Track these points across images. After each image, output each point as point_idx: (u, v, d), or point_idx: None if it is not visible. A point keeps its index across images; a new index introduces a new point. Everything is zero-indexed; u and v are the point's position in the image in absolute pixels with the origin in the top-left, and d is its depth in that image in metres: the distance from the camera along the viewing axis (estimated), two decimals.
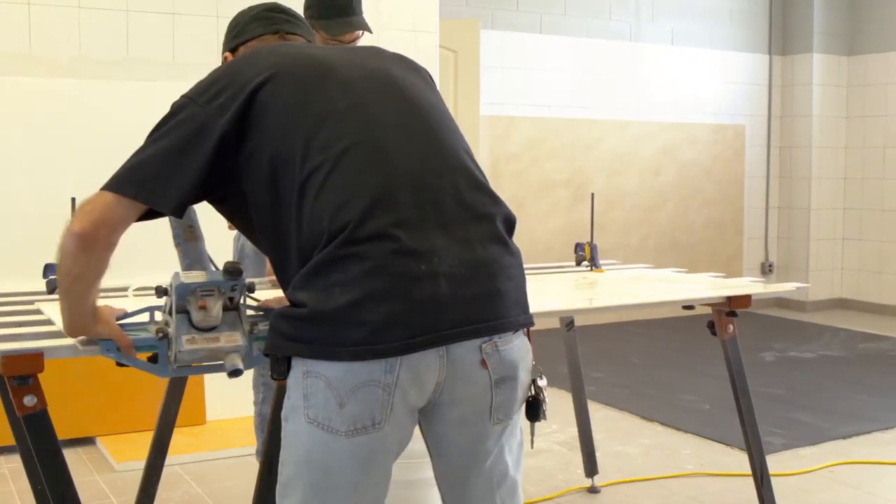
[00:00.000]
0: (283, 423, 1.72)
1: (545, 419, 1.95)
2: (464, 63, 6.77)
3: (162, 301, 1.95)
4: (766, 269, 8.92)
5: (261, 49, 1.95)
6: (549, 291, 3.17)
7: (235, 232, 3.37)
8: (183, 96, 1.82)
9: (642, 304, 3.06)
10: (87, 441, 4.46)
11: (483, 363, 1.73)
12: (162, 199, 1.73)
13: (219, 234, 1.88)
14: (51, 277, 2.72)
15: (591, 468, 3.94)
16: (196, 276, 1.85)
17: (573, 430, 4.08)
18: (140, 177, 1.73)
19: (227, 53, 2.16)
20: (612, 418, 5.09)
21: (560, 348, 3.88)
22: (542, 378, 1.92)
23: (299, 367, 1.68)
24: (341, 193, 1.68)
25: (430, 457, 1.87)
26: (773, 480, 3.31)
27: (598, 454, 3.99)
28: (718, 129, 8.57)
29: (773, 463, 3.79)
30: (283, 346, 1.69)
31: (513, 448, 1.86)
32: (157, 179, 1.73)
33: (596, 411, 4.75)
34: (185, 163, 1.74)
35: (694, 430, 4.82)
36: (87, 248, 1.71)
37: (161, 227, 2.10)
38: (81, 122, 4.59)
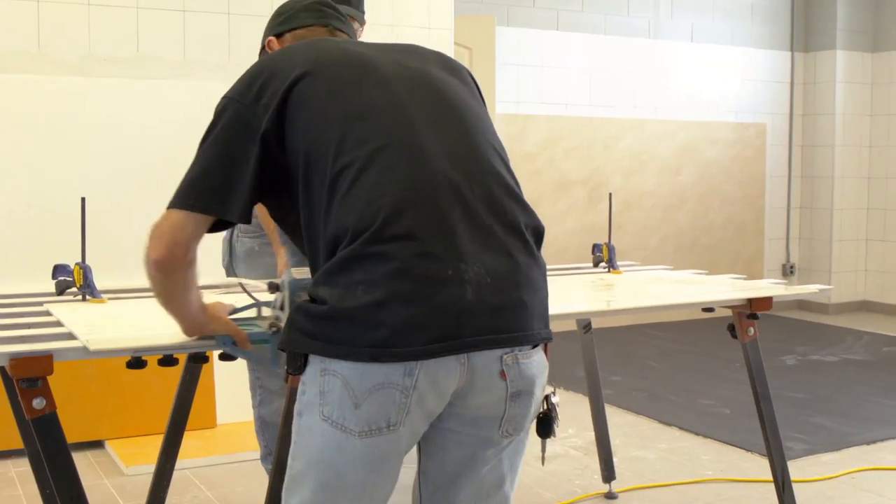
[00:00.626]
0: (297, 418, 1.71)
1: (555, 437, 1.92)
2: (479, 61, 6.71)
3: (272, 297, 2.04)
4: (788, 271, 8.82)
5: (299, 44, 1.94)
6: (567, 293, 3.13)
7: (225, 233, 3.37)
8: (224, 97, 1.81)
9: (662, 307, 3.02)
10: (95, 444, 4.43)
11: (502, 374, 1.71)
12: (231, 208, 1.74)
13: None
14: (60, 279, 2.70)
15: (608, 473, 3.89)
16: (307, 272, 1.89)
17: (590, 435, 4.04)
18: (205, 189, 1.74)
19: (273, 38, 2.17)
20: (630, 422, 5.02)
21: (577, 351, 3.84)
22: (555, 395, 1.90)
23: (316, 363, 1.66)
24: (371, 191, 1.66)
25: (420, 453, 1.84)
26: (795, 487, 3.26)
27: (615, 459, 3.94)
28: (739, 128, 8.48)
29: (795, 469, 3.73)
30: (300, 342, 1.68)
31: (513, 463, 1.84)
32: (221, 189, 1.74)
33: (613, 415, 4.70)
34: (242, 167, 1.75)
35: (713, 434, 4.76)
36: (168, 272, 1.75)
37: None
38: (91, 120, 4.55)
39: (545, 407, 1.89)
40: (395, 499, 1.78)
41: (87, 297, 2.70)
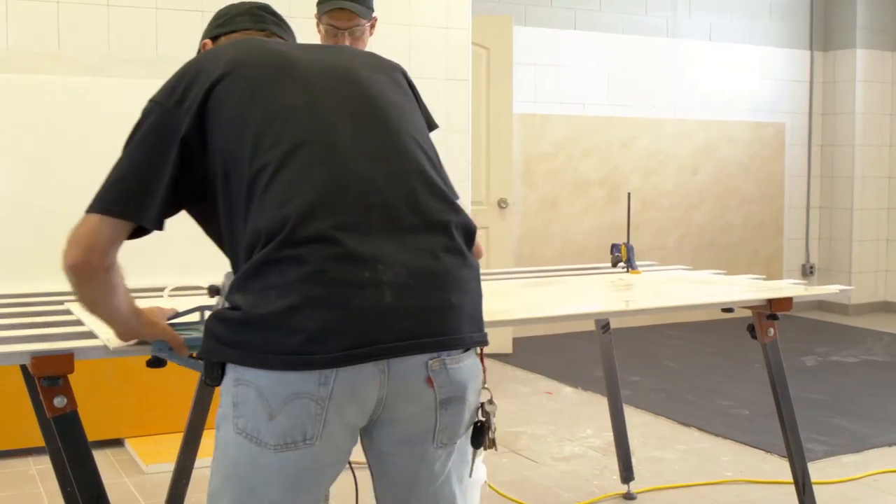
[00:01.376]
0: (216, 431, 1.65)
1: (495, 448, 1.80)
2: (496, 60, 6.70)
3: (214, 301, 1.96)
4: (807, 271, 8.77)
5: (224, 45, 1.90)
6: (585, 293, 3.12)
7: None
8: (150, 100, 1.76)
9: (681, 307, 3.00)
10: (115, 443, 4.44)
11: (429, 381, 1.63)
12: (147, 215, 1.68)
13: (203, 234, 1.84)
14: None
15: (626, 474, 3.87)
16: None
17: (608, 435, 4.03)
18: (122, 194, 1.68)
19: (209, 41, 2.08)
20: (649, 423, 5.00)
21: (595, 351, 3.82)
22: (491, 403, 1.76)
23: (231, 373, 1.60)
24: (284, 193, 1.60)
25: (371, 475, 1.77)
26: (815, 488, 3.23)
27: (633, 460, 3.92)
28: (758, 127, 8.44)
29: (815, 471, 3.71)
30: (214, 350, 1.61)
31: (462, 476, 1.76)
32: (138, 195, 1.68)
33: (632, 416, 4.68)
34: (161, 172, 1.68)
35: (732, 435, 4.73)
36: (85, 277, 1.67)
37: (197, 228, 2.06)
38: (110, 121, 4.55)
39: (480, 416, 1.76)
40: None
41: None
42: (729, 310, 3.11)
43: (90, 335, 2.08)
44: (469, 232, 1.74)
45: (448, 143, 5.21)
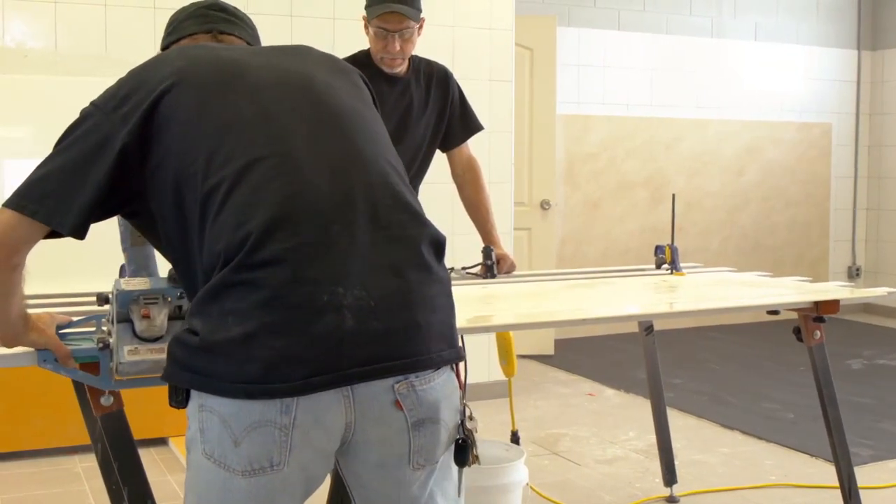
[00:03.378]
0: (187, 453, 1.61)
1: (479, 463, 1.73)
2: (540, 61, 6.69)
3: (104, 308, 1.89)
4: (854, 273, 8.66)
5: (169, 52, 1.81)
6: (628, 295, 3.10)
7: None
8: (91, 103, 1.69)
9: (726, 309, 2.98)
10: (159, 441, 4.48)
11: (397, 404, 1.57)
12: (62, 219, 1.60)
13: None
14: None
15: (669, 477, 3.85)
16: (139, 283, 1.78)
17: (651, 438, 4.00)
18: (41, 193, 1.60)
19: (161, 52, 1.96)
20: (692, 426, 4.97)
21: (639, 353, 3.80)
22: (472, 419, 1.68)
23: (195, 398, 1.55)
24: (240, 213, 1.53)
25: (351, 497, 1.71)
26: (861, 493, 3.20)
27: (676, 463, 3.90)
28: (804, 128, 8.34)
29: (861, 475, 3.65)
30: (177, 375, 1.56)
31: (448, 493, 1.69)
32: (58, 197, 1.60)
33: (675, 418, 4.65)
34: (87, 179, 1.60)
35: (776, 439, 4.68)
36: None
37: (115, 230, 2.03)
38: None
39: (462, 433, 1.67)
40: None
41: None
42: (774, 312, 3.09)
43: None
44: (438, 244, 1.67)
45: (491, 143, 5.21)
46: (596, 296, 3.10)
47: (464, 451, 1.67)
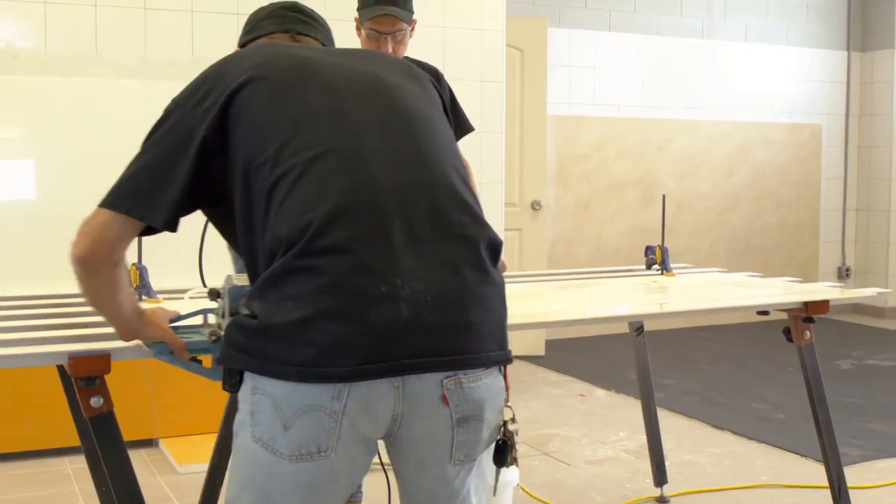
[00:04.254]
0: (234, 437, 1.65)
1: (517, 465, 1.77)
2: (530, 62, 6.69)
3: (216, 304, 1.93)
4: (843, 274, 8.69)
5: (247, 49, 1.88)
6: (619, 295, 3.11)
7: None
8: (172, 100, 1.75)
9: (717, 309, 2.98)
10: (149, 443, 4.48)
11: (444, 399, 1.61)
12: (157, 214, 1.67)
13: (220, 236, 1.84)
14: None
15: (660, 477, 3.85)
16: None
17: (642, 438, 4.01)
18: (133, 191, 1.68)
19: (238, 49, 2.03)
20: (682, 426, 4.97)
21: (629, 354, 3.80)
22: (514, 422, 1.72)
23: (248, 381, 1.60)
24: (306, 201, 1.58)
25: (399, 488, 1.76)
26: (851, 493, 3.21)
27: (667, 463, 3.90)
28: (794, 129, 8.37)
29: (851, 475, 3.67)
30: (233, 357, 1.62)
31: (479, 490, 1.74)
32: (149, 194, 1.67)
33: (665, 419, 4.66)
34: (176, 173, 1.67)
35: (767, 439, 4.69)
36: (90, 270, 1.67)
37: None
38: (147, 123, 4.59)
39: (502, 434, 1.72)
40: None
41: (143, 297, 2.73)
42: (764, 312, 3.09)
43: None
44: (495, 247, 1.70)
45: (482, 144, 5.22)
46: (587, 296, 3.10)
47: (504, 452, 1.71)
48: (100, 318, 2.33)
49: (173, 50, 4.80)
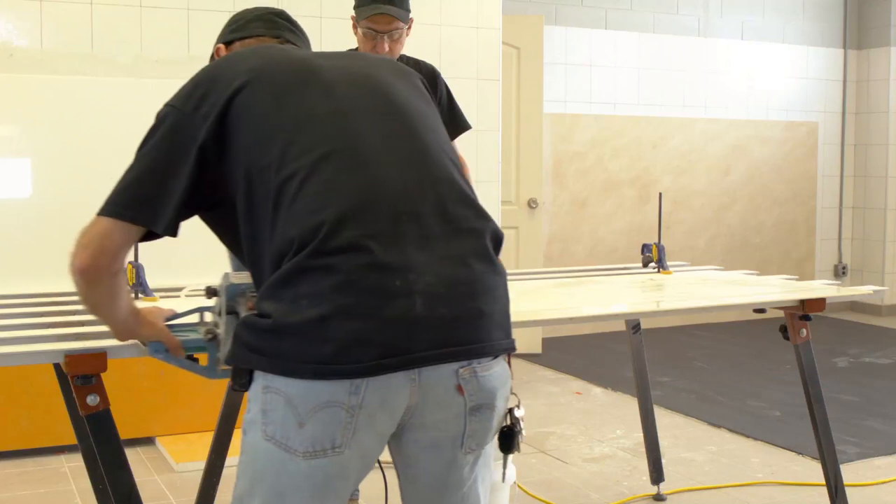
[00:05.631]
0: (243, 435, 1.66)
1: (519, 451, 1.80)
2: (527, 60, 6.69)
3: (212, 302, 1.93)
4: (840, 272, 8.70)
5: (242, 51, 1.89)
6: (615, 294, 3.11)
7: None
8: (166, 104, 1.75)
9: (713, 307, 2.98)
10: (146, 441, 4.47)
11: (459, 389, 1.65)
12: (156, 220, 1.67)
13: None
14: None
15: (656, 475, 3.85)
16: (246, 277, 1.81)
17: (638, 436, 4.01)
18: (135, 198, 1.68)
19: (222, 46, 2.06)
20: (679, 424, 4.98)
21: (626, 352, 3.80)
22: (519, 408, 1.78)
23: (259, 380, 1.61)
24: (315, 202, 1.60)
25: (399, 479, 1.78)
26: (848, 491, 3.20)
27: (663, 461, 3.90)
28: (790, 127, 8.37)
29: (847, 473, 3.68)
30: (244, 357, 1.62)
31: (485, 479, 1.78)
32: (152, 200, 1.68)
33: (662, 417, 4.66)
34: (176, 178, 1.68)
35: (763, 437, 4.70)
36: (93, 281, 1.68)
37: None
38: (143, 121, 4.58)
39: (508, 421, 1.78)
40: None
41: (140, 295, 2.73)
42: (761, 310, 3.10)
43: None
44: (497, 239, 1.74)
45: (478, 142, 5.22)
46: (583, 294, 3.10)
47: (510, 438, 1.76)
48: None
49: (169, 48, 4.80)
